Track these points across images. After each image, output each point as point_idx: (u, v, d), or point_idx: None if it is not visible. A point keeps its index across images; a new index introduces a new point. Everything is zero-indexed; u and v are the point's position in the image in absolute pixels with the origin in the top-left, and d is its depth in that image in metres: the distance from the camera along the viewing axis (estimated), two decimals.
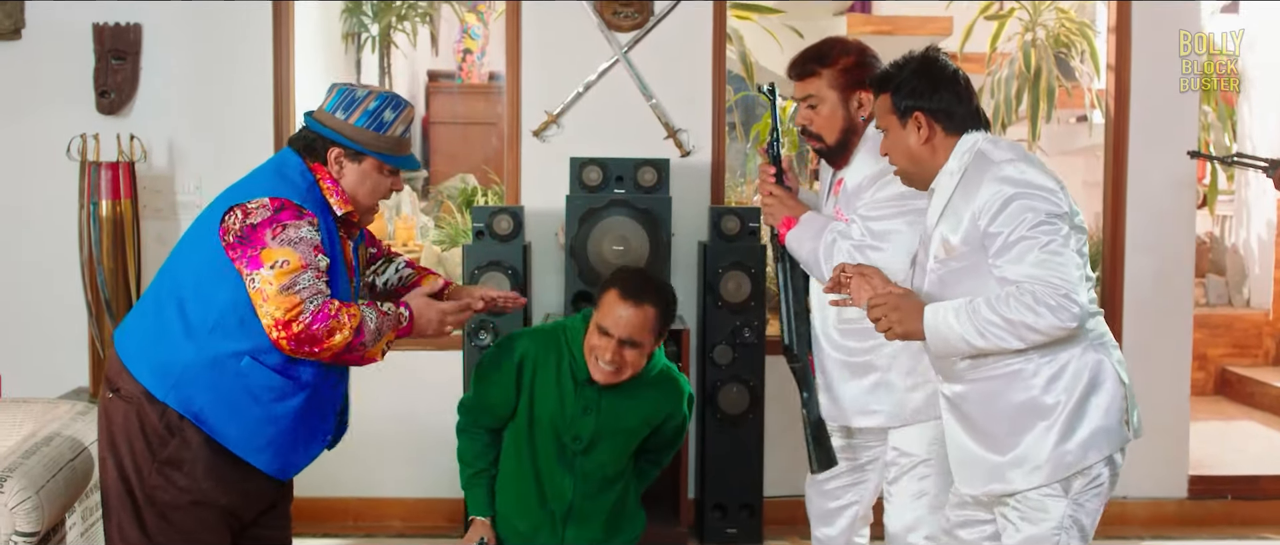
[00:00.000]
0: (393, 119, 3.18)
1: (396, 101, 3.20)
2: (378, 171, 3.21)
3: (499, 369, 3.54)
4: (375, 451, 5.36)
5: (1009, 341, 2.86)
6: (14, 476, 3.32)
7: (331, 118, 3.16)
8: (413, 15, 8.84)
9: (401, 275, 3.62)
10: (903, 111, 3.10)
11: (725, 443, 4.99)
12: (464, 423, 3.67)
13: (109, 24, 5.28)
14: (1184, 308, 5.64)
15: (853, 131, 3.54)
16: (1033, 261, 2.83)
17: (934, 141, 3.09)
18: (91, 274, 5.07)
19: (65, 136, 5.19)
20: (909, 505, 3.56)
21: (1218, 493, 5.72)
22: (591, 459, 3.52)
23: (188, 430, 3.06)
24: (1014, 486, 2.99)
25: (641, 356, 3.44)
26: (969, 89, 3.14)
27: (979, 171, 2.99)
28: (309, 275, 2.97)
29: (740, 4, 8.02)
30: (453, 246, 7.02)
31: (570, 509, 3.53)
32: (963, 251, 2.99)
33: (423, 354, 5.43)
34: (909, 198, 3.39)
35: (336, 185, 3.18)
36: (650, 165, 4.99)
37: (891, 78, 3.15)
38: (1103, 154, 5.72)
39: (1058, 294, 2.80)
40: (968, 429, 3.10)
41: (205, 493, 3.10)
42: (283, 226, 2.99)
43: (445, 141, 9.02)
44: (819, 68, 3.54)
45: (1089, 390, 2.96)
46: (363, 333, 3.02)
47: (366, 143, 3.16)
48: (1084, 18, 8.39)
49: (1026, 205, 2.87)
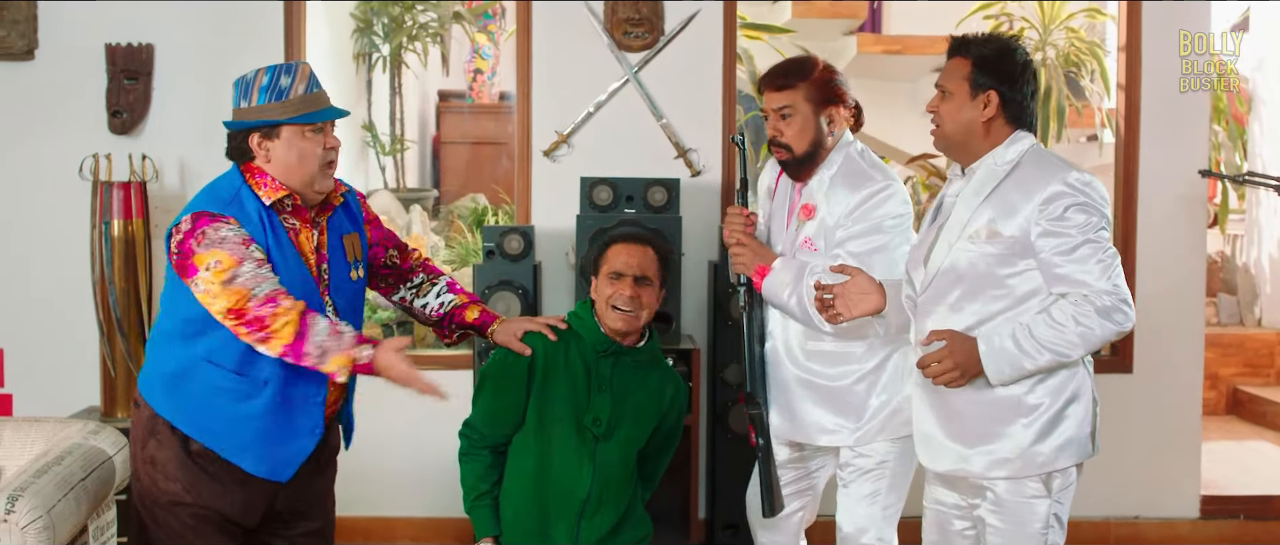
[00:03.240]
0: (290, 82, 3.19)
1: (287, 66, 3.22)
2: (300, 136, 3.20)
3: (509, 373, 3.55)
4: (385, 471, 5.36)
5: (1070, 355, 2.99)
6: (25, 496, 3.32)
7: (238, 110, 3.22)
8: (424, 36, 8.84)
9: (443, 300, 3.63)
10: (978, 85, 3.13)
11: (736, 462, 4.98)
12: (465, 446, 3.66)
13: (121, 44, 5.30)
14: (1195, 327, 5.63)
15: (820, 145, 3.61)
16: (1096, 263, 2.95)
17: (993, 125, 3.13)
18: (103, 294, 5.08)
19: (77, 156, 5.21)
20: (862, 506, 3.64)
21: (1230, 513, 5.70)
22: (612, 446, 3.53)
23: (161, 430, 3.22)
24: (976, 471, 3.11)
25: (655, 296, 3.51)
26: (1038, 90, 3.22)
27: (1041, 171, 3.05)
28: (248, 267, 3.05)
29: (750, 24, 8.02)
30: (463, 266, 7.01)
31: (587, 501, 3.53)
32: (1007, 240, 3.04)
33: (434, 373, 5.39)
34: (895, 220, 3.49)
35: (264, 176, 3.21)
36: (660, 185, 5.00)
37: (975, 47, 3.17)
38: (1113, 173, 5.71)
39: (1117, 299, 2.94)
40: (939, 412, 3.18)
41: (184, 492, 3.22)
42: (203, 234, 3.07)
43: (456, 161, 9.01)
44: (798, 80, 3.63)
45: (1070, 399, 3.07)
46: (304, 340, 3.03)
47: (273, 113, 3.17)
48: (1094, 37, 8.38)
49: (1089, 211, 2.98)
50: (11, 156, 5.38)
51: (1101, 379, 5.44)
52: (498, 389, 3.58)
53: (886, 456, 3.60)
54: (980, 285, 3.08)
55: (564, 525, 3.54)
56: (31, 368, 5.42)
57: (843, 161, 3.61)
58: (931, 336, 3.13)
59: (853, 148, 3.65)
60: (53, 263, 5.35)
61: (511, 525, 3.58)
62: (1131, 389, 5.57)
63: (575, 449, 3.52)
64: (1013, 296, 3.06)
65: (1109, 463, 5.53)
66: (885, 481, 3.62)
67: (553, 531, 3.54)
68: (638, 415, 3.57)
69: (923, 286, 3.19)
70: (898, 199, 3.53)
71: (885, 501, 3.63)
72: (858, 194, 3.51)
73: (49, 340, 5.40)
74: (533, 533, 3.55)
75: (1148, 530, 5.61)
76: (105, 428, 3.91)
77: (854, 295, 3.28)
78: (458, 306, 3.62)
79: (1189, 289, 5.61)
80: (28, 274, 5.40)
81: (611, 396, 3.53)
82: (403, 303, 3.68)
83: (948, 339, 3.08)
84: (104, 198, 5.08)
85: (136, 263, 5.09)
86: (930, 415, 3.21)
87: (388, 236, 3.64)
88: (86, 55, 5.33)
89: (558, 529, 3.54)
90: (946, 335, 3.09)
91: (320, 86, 3.25)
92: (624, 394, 3.54)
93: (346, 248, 3.40)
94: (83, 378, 5.30)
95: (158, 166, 5.30)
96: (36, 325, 5.41)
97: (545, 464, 3.54)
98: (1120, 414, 5.56)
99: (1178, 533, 5.63)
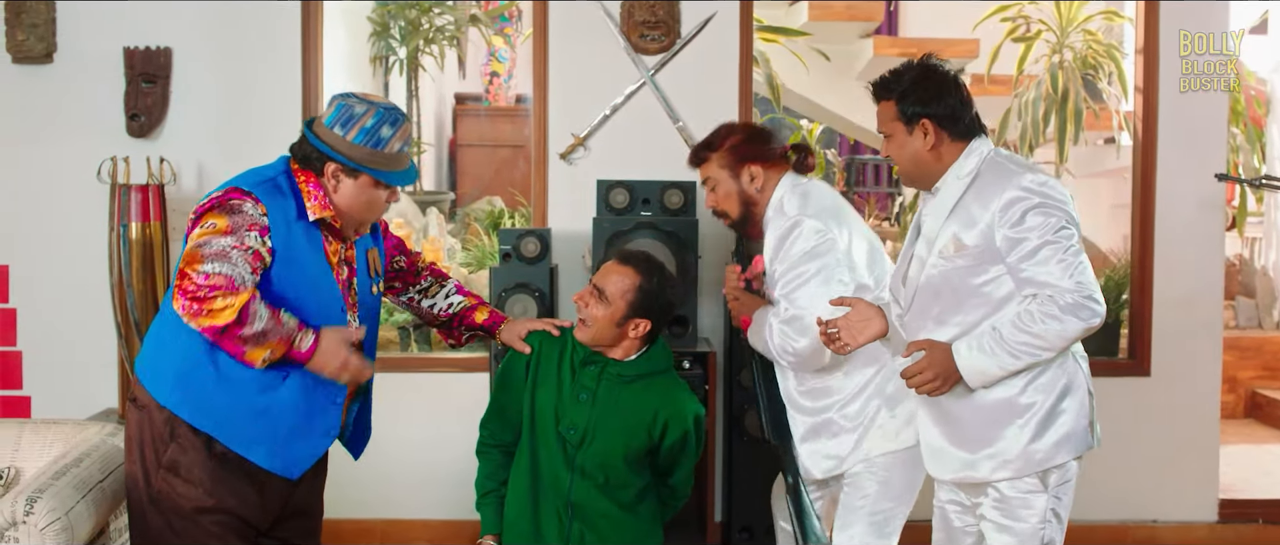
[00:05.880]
0: (390, 136, 3.23)
1: (394, 117, 3.24)
2: (374, 187, 3.25)
3: (511, 369, 3.63)
4: (400, 473, 5.37)
5: (1043, 354, 3.02)
6: (44, 497, 3.33)
7: (330, 133, 3.21)
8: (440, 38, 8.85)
9: (451, 302, 3.71)
10: (909, 118, 3.20)
11: (752, 465, 4.97)
12: (481, 442, 3.73)
13: (140, 48, 5.33)
14: (1213, 330, 5.61)
15: (752, 203, 3.78)
16: (1057, 264, 2.98)
17: (940, 147, 3.19)
18: (121, 296, 5.10)
19: (95, 159, 5.24)
20: (854, 520, 3.73)
21: (1248, 517, 5.68)
22: (588, 454, 3.52)
23: (183, 433, 3.16)
24: (981, 476, 3.15)
25: (607, 315, 3.50)
26: (968, 94, 3.24)
27: (997, 178, 3.10)
28: (228, 240, 3.03)
29: (767, 27, 8.02)
30: (480, 269, 7.01)
31: (570, 506, 3.54)
32: (973, 251, 3.09)
33: (450, 376, 5.46)
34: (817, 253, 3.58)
35: (319, 191, 3.22)
36: (677, 188, 5.00)
37: (892, 85, 3.24)
38: (1131, 176, 5.70)
39: (1081, 296, 2.96)
40: (940, 420, 3.24)
41: (207, 497, 3.17)
42: (228, 201, 3.09)
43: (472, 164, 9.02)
44: (708, 153, 3.81)
45: (1063, 394, 3.11)
46: (244, 324, 3.01)
47: (362, 160, 3.20)
48: (1112, 40, 8.35)
49: (1048, 212, 3.01)
50: (30, 159, 5.40)
51: (1119, 383, 5.48)
52: (501, 388, 3.67)
53: (874, 470, 3.70)
54: (958, 297, 3.14)
55: (554, 526, 3.56)
56: (50, 370, 5.44)
57: (775, 205, 3.76)
58: (910, 348, 3.20)
59: (784, 188, 3.77)
60: (71, 265, 5.37)
61: (511, 524, 3.62)
62: (1149, 392, 5.56)
63: (558, 453, 3.55)
64: (991, 302, 3.11)
65: (1127, 466, 5.52)
66: (870, 497, 3.71)
67: (545, 532, 3.56)
68: (623, 428, 3.55)
69: (907, 305, 3.26)
70: (804, 235, 3.61)
71: (873, 508, 3.71)
72: (773, 235, 3.69)
73: (67, 342, 5.42)
74: (528, 533, 3.57)
75: (1165, 534, 5.59)
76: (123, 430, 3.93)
77: (856, 324, 3.34)
78: (467, 308, 3.71)
79: (1207, 292, 5.59)
80: (46, 277, 5.42)
81: (592, 406, 3.54)
82: (411, 303, 3.73)
83: (925, 349, 3.14)
84: (122, 200, 5.09)
85: (154, 265, 5.11)
86: (933, 427, 3.27)
87: (397, 244, 3.71)
88: (105, 59, 5.35)
89: (549, 529, 3.56)
90: (924, 345, 3.15)
91: (409, 147, 3.32)
92: (609, 405, 3.54)
93: (369, 263, 3.45)
94: (101, 380, 5.32)
95: (175, 169, 5.32)
96: (55, 327, 5.44)
97: (536, 465, 3.57)
98: (1138, 417, 5.54)
99: (1195, 536, 5.61)
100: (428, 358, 5.74)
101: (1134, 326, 5.58)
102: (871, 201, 11.00)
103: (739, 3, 5.46)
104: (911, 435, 3.60)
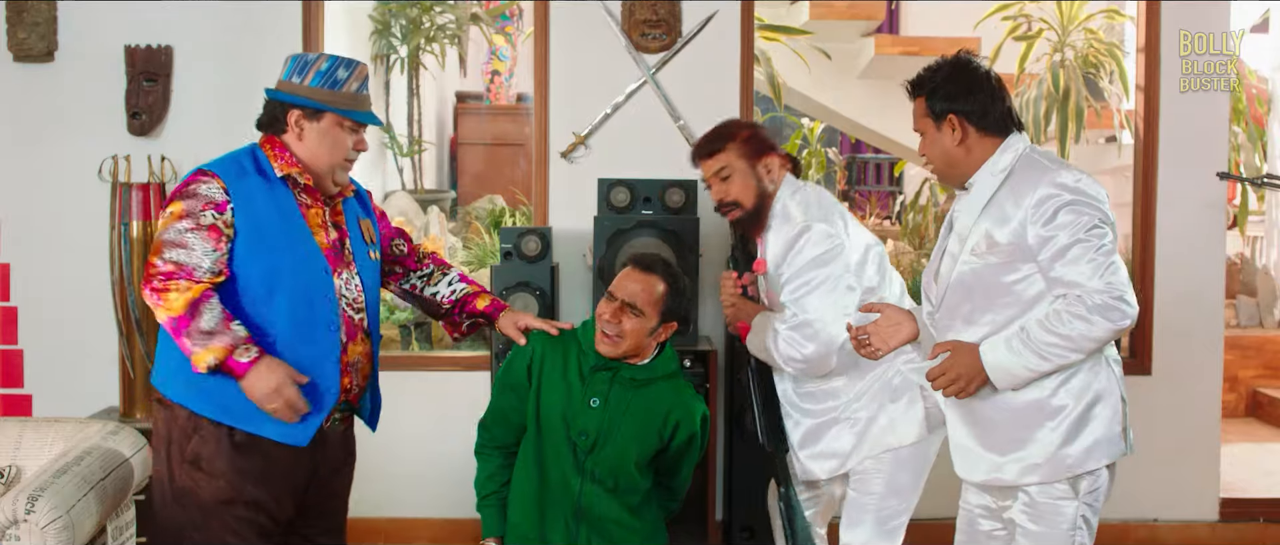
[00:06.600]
0: (346, 76, 3.31)
1: (348, 62, 3.33)
2: (338, 126, 3.32)
3: (512, 372, 3.60)
4: (402, 471, 5.37)
5: (1070, 356, 2.97)
6: (45, 496, 3.34)
7: (288, 83, 3.31)
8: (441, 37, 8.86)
9: (454, 289, 3.73)
10: (938, 114, 3.18)
11: (753, 464, 4.97)
12: (479, 443, 3.71)
13: (141, 46, 5.32)
14: (1215, 329, 5.61)
15: (765, 195, 3.76)
16: (1088, 263, 2.94)
17: (968, 142, 3.17)
18: (122, 294, 5.11)
19: (97, 158, 5.24)
20: (863, 518, 3.75)
21: (1249, 516, 5.68)
22: (599, 459, 3.51)
23: (205, 426, 3.21)
24: (1010, 478, 3.11)
25: (641, 326, 3.48)
26: (1002, 89, 3.22)
27: (1031, 175, 3.07)
28: (184, 224, 3.13)
29: (768, 26, 8.02)
30: (481, 267, 7.01)
31: (578, 510, 3.52)
32: (1005, 248, 3.05)
33: (451, 374, 5.46)
34: (825, 260, 3.60)
35: (284, 152, 3.30)
36: (678, 186, 5.00)
37: (925, 82, 3.23)
38: (1132, 175, 5.70)
39: (1111, 297, 2.91)
40: (969, 421, 3.20)
41: (228, 488, 3.21)
42: (186, 187, 3.20)
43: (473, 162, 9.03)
44: (725, 143, 3.78)
45: (1095, 399, 3.07)
46: (189, 319, 3.07)
47: (323, 99, 3.28)
48: (1113, 38, 8.36)
49: (1081, 211, 2.97)
50: (31, 158, 5.39)
51: None
52: (502, 389, 3.64)
53: (881, 466, 3.72)
54: (989, 296, 3.10)
55: (561, 530, 3.54)
56: (51, 368, 5.44)
57: (779, 209, 3.76)
58: (936, 350, 3.17)
59: (786, 191, 3.78)
60: (72, 264, 5.37)
61: (515, 527, 3.60)
62: (1151, 391, 5.55)
63: (567, 457, 3.53)
64: (1021, 302, 3.07)
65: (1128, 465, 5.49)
66: (877, 494, 3.74)
67: (551, 535, 3.55)
68: (636, 432, 3.54)
69: (938, 303, 3.22)
70: (814, 241, 3.62)
71: (880, 505, 3.73)
72: (780, 240, 3.67)
73: (68, 341, 5.42)
74: (533, 537, 3.56)
75: (1167, 533, 5.59)
76: (124, 428, 3.93)
77: (887, 330, 3.32)
78: (469, 294, 3.72)
79: (1208, 291, 5.59)
80: (47, 275, 5.42)
81: (605, 411, 3.52)
82: (413, 290, 3.74)
83: (951, 350, 3.11)
84: (123, 199, 5.10)
85: None
86: (962, 427, 3.22)
87: (396, 230, 3.73)
88: (106, 57, 5.35)
89: (555, 533, 3.54)
90: (950, 346, 3.12)
91: (368, 90, 3.38)
92: (621, 409, 3.52)
93: (363, 230, 3.48)
94: (102, 378, 5.32)
95: (176, 168, 5.32)
96: (56, 326, 5.43)
97: (543, 468, 3.55)
98: (1139, 416, 5.47)
99: (1197, 535, 5.61)
100: (429, 356, 5.74)
101: (1135, 326, 5.57)
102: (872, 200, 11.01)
103: (740, 1, 5.46)
104: (915, 431, 3.60)
